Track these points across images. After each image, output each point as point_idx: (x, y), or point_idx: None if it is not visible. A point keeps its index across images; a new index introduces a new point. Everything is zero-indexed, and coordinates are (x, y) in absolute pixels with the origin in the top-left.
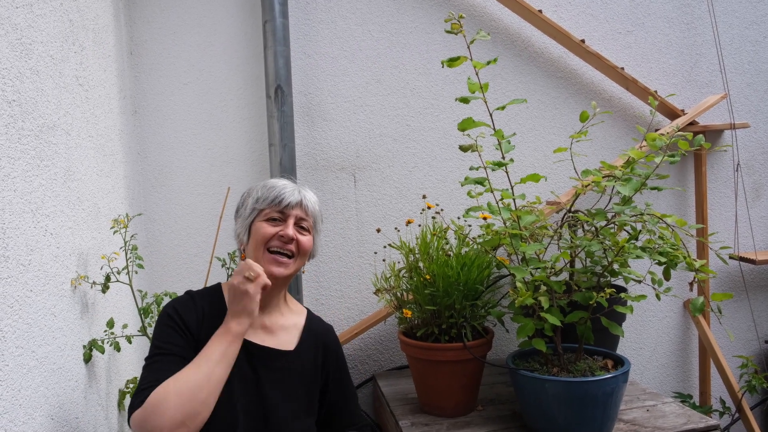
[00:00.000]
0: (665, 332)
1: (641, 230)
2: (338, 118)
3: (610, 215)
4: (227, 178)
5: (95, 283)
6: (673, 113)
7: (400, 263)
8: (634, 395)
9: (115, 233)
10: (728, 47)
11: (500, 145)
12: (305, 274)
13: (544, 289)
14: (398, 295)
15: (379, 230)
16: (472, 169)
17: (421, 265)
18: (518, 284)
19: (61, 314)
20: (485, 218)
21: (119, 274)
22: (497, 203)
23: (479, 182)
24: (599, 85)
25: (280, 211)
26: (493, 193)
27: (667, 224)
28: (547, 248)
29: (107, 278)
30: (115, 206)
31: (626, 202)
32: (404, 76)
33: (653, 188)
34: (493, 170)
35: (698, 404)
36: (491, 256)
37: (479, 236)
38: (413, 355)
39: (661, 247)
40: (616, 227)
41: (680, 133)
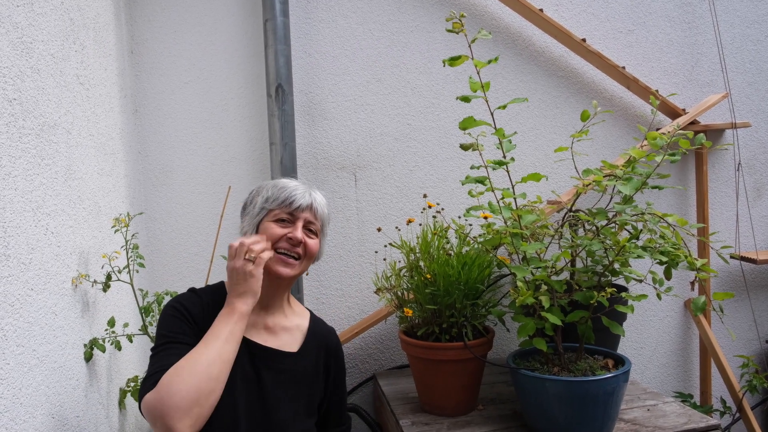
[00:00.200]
0: (666, 332)
1: (642, 229)
2: (339, 117)
3: (611, 214)
4: (228, 177)
5: (96, 281)
6: (674, 112)
7: (400, 262)
8: (634, 395)
9: (116, 232)
10: (729, 46)
11: (501, 144)
12: (308, 275)
13: (544, 288)
14: (399, 294)
15: (379, 229)
16: (473, 168)
17: (421, 264)
18: (519, 283)
19: (62, 313)
20: (486, 217)
21: (120, 272)
22: (498, 202)
23: (480, 181)
24: (600, 84)
25: (289, 212)
26: (494, 192)
27: (668, 223)
28: (547, 247)
29: (108, 277)
30: (116, 205)
31: (627, 201)
32: (405, 75)
33: (654, 187)
34: (494, 169)
35: (699, 404)
36: (492, 255)
37: (480, 235)
38: (414, 354)
39: (662, 246)
40: (617, 226)
41: (681, 132)
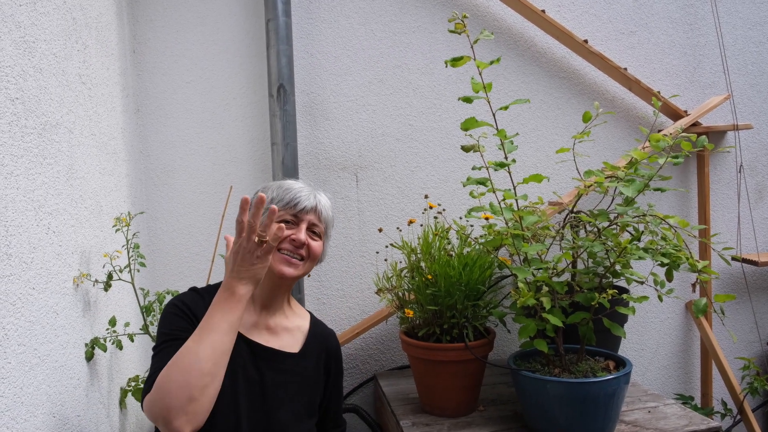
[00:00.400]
0: (667, 333)
1: (644, 231)
2: (340, 117)
3: (612, 216)
4: (229, 177)
5: (97, 281)
6: (676, 114)
7: (401, 263)
8: (635, 396)
9: (117, 231)
10: (732, 48)
11: (503, 145)
12: (310, 276)
13: (546, 289)
14: (400, 294)
15: (381, 230)
16: (474, 169)
17: (422, 264)
18: (520, 285)
19: (63, 312)
20: (487, 218)
21: (121, 272)
22: (499, 203)
23: (481, 182)
24: (602, 85)
25: (294, 214)
26: (495, 193)
27: (669, 225)
28: (549, 249)
29: (109, 276)
30: (117, 204)
31: (629, 202)
32: (407, 75)
33: (656, 189)
34: (495, 170)
35: (700, 406)
36: (493, 256)
37: (481, 236)
38: (415, 354)
39: (663, 248)
40: (618, 228)
41: (684, 134)
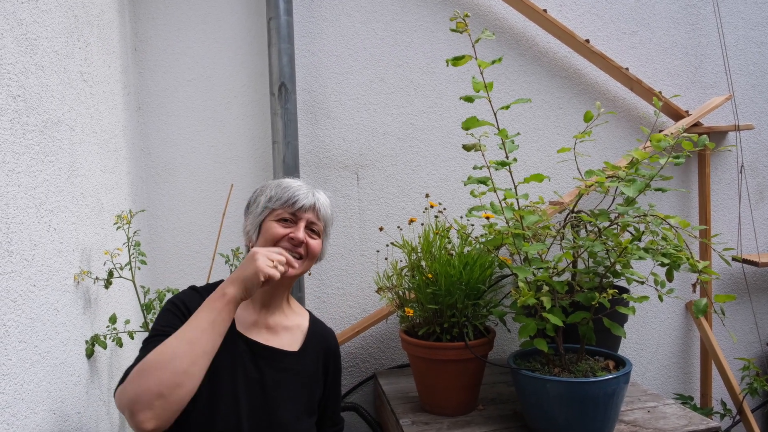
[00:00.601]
0: (667, 334)
1: (644, 231)
2: (342, 116)
3: (613, 216)
4: (230, 175)
5: (98, 278)
6: (677, 114)
7: (402, 262)
8: (635, 396)
9: (118, 229)
10: (733, 48)
11: (504, 144)
12: (310, 274)
13: (546, 289)
14: (400, 293)
15: (381, 229)
16: (475, 168)
17: (423, 263)
18: (520, 284)
19: (63, 309)
20: (488, 218)
21: (122, 269)
22: (500, 203)
23: (482, 182)
24: (603, 85)
25: (292, 212)
26: (496, 192)
27: (670, 225)
28: (549, 248)
29: (110, 274)
30: (118, 202)
31: (630, 202)
32: (408, 74)
33: (657, 189)
34: (496, 170)
35: (699, 406)
36: (494, 255)
37: (482, 236)
38: (415, 353)
39: (664, 248)
40: (619, 228)
41: (685, 134)
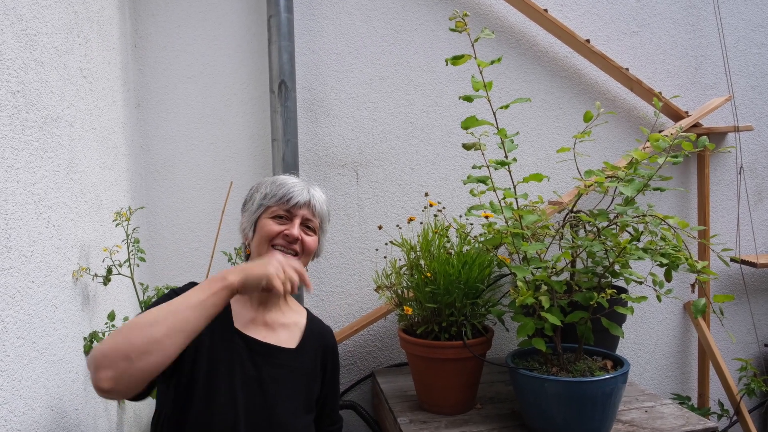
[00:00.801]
0: (665, 334)
1: (643, 231)
2: (341, 114)
3: (612, 216)
4: (230, 172)
5: (97, 275)
6: (676, 115)
7: (401, 260)
8: (632, 396)
9: (117, 226)
10: (733, 49)
11: (503, 143)
12: (308, 271)
13: (544, 288)
14: (399, 292)
15: (380, 227)
16: (474, 167)
17: (422, 262)
18: (519, 283)
19: (62, 306)
20: (487, 217)
21: (121, 266)
22: (499, 202)
23: (482, 181)
24: (603, 85)
25: (287, 209)
26: (495, 191)
27: (669, 225)
28: (548, 248)
29: (109, 271)
30: (117, 199)
31: (629, 202)
32: (408, 73)
33: (656, 189)
34: (495, 169)
35: (696, 406)
36: (492, 254)
37: (481, 235)
38: (413, 352)
39: (662, 248)
40: (617, 228)
41: (684, 134)
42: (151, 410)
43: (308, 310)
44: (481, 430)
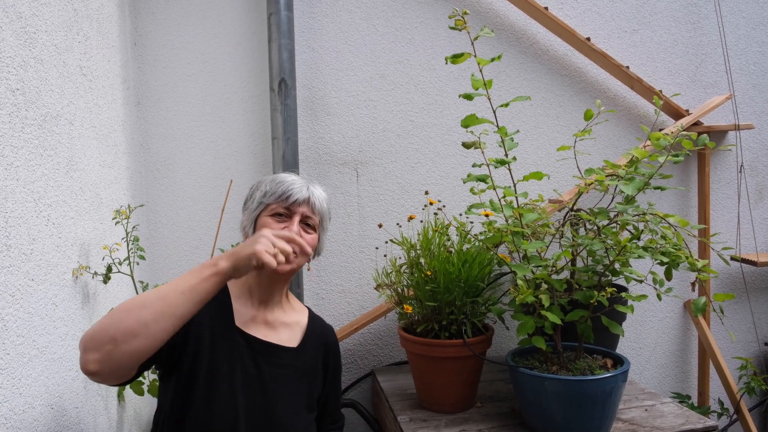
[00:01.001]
0: (665, 332)
1: (643, 230)
2: (341, 112)
3: (612, 214)
4: (230, 170)
5: (97, 273)
6: (677, 113)
7: (401, 259)
8: (632, 395)
9: (117, 224)
10: (734, 48)
11: (503, 142)
12: (307, 270)
13: (545, 287)
14: (399, 290)
15: (380, 225)
16: (474, 166)
17: (422, 261)
18: (519, 282)
19: (62, 304)
20: (487, 215)
21: (121, 265)
22: (500, 200)
23: (482, 179)
24: (604, 83)
25: (286, 207)
26: (495, 190)
27: (669, 224)
28: (548, 246)
29: (109, 269)
30: (117, 197)
31: (629, 201)
32: (408, 71)
33: (656, 188)
34: (495, 167)
35: (696, 405)
36: (492, 253)
37: (481, 233)
38: (413, 350)
39: (663, 246)
40: (618, 226)
41: (685, 133)
42: (151, 409)
43: (310, 309)
44: (480, 428)
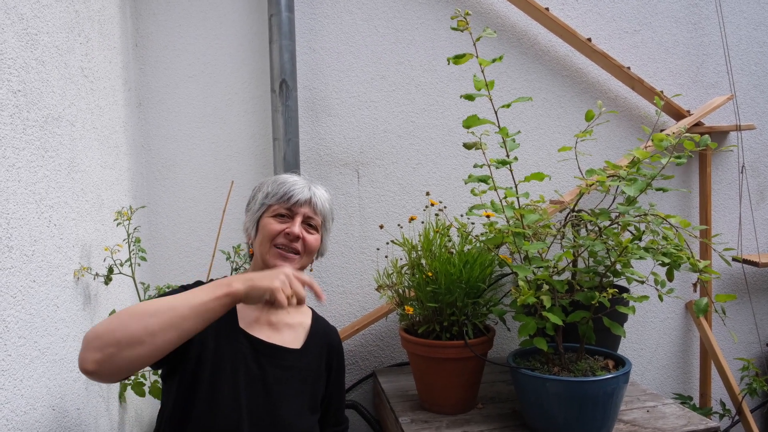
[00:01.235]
0: (666, 333)
1: (645, 231)
2: (342, 113)
3: (613, 215)
4: (231, 171)
5: (98, 274)
6: (678, 114)
7: (402, 260)
8: (634, 396)
9: (118, 225)
10: (735, 48)
11: (505, 143)
12: (311, 271)
13: (546, 288)
14: (400, 291)
15: (382, 226)
16: (476, 166)
17: (423, 262)
18: (520, 283)
19: (63, 305)
20: (488, 216)
21: (122, 266)
22: (501, 201)
23: (483, 180)
24: (605, 84)
25: (288, 208)
26: (496, 191)
27: (671, 225)
28: (549, 247)
29: (110, 270)
30: (118, 198)
31: (630, 202)
32: (409, 72)
33: (658, 189)
34: (497, 168)
35: (698, 406)
36: (494, 254)
37: (482, 234)
38: (414, 351)
39: (664, 247)
40: (619, 227)
41: (688, 134)
42: (152, 410)
43: (313, 310)
44: (482, 429)
